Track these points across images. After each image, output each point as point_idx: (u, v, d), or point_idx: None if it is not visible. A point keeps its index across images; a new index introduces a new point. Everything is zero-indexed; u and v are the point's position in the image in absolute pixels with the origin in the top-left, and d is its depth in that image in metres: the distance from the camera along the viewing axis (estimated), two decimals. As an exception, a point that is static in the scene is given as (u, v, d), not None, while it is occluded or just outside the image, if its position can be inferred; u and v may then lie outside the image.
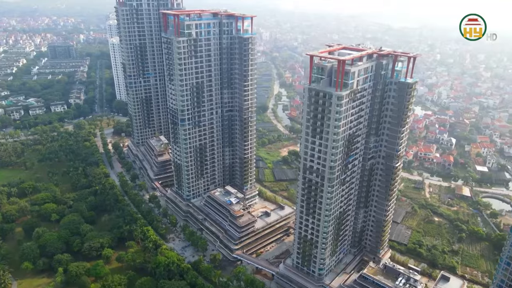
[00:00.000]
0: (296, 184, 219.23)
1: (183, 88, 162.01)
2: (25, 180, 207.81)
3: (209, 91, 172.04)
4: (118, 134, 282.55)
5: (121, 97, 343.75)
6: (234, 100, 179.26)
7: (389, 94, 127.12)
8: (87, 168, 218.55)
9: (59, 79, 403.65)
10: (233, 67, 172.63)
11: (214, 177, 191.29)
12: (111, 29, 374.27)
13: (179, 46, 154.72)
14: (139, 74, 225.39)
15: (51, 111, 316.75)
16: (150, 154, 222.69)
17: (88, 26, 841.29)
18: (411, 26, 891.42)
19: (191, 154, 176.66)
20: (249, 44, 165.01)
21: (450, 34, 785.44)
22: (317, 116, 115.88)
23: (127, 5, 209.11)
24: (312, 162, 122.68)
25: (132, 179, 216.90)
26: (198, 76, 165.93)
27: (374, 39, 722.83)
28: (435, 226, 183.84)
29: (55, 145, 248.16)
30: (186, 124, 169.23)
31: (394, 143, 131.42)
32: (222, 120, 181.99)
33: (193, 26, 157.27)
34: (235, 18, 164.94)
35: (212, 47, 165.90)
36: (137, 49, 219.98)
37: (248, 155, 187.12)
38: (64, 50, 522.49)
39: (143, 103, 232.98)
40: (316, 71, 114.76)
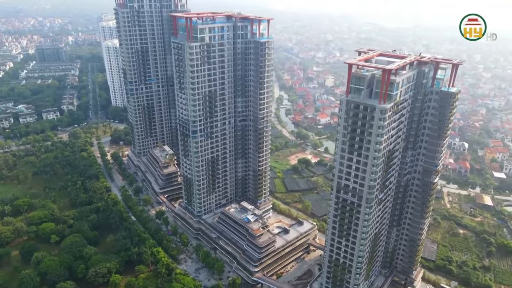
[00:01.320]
0: (309, 195, 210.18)
1: (195, 98, 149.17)
2: (19, 197, 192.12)
3: (221, 99, 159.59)
4: (116, 143, 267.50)
5: (117, 103, 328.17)
6: (248, 109, 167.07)
7: (429, 105, 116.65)
8: (86, 181, 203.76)
9: (49, 84, 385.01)
10: (247, 74, 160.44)
11: (226, 191, 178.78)
12: (104, 31, 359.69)
13: (191, 52, 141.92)
14: (140, 80, 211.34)
15: (43, 118, 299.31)
16: (154, 165, 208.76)
17: (76, 27, 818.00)
18: (404, 26, 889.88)
19: (203, 168, 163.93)
20: (265, 49, 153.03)
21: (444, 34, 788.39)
22: (356, 131, 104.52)
23: (128, 6, 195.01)
24: (347, 181, 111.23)
25: (136, 193, 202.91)
26: (211, 84, 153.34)
27: (368, 40, 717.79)
28: (461, 239, 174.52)
29: (49, 156, 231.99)
30: (198, 136, 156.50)
31: (432, 157, 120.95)
32: (235, 130, 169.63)
33: (206, 30, 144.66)
34: (250, 21, 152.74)
35: (226, 53, 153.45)
36: (138, 54, 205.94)
37: (263, 167, 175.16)
38: (53, 52, 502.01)
39: (145, 110, 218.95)
40: (354, 81, 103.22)
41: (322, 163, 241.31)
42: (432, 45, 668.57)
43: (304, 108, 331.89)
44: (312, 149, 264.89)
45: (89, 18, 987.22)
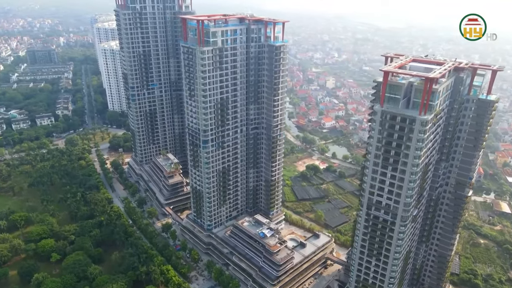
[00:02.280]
0: (321, 204, 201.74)
1: (206, 105, 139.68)
2: (15, 210, 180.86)
3: (233, 107, 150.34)
4: (115, 150, 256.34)
5: (114, 107, 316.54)
6: (261, 117, 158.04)
7: (466, 114, 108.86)
8: (87, 193, 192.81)
9: (42, 87, 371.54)
10: (261, 79, 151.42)
11: (236, 203, 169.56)
12: (100, 33, 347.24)
13: (203, 57, 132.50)
14: (142, 85, 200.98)
15: (36, 124, 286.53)
16: (158, 175, 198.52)
17: (67, 28, 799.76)
18: (398, 26, 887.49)
19: (214, 179, 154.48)
20: (280, 53, 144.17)
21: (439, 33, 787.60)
22: (392, 144, 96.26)
23: (130, 8, 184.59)
24: (380, 197, 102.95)
25: (139, 204, 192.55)
26: (223, 91, 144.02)
27: (365, 40, 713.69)
28: (482, 250, 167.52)
29: (46, 165, 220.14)
30: (209, 146, 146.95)
31: (467, 169, 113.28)
32: (247, 139, 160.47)
33: (219, 34, 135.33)
34: (264, 23, 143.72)
35: (239, 57, 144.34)
36: (140, 57, 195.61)
37: (276, 176, 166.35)
38: (45, 54, 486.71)
39: (147, 117, 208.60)
40: (389, 90, 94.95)
41: (331, 169, 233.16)
42: (429, 45, 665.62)
43: (308, 111, 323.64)
44: (319, 155, 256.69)
45: (80, 19, 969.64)
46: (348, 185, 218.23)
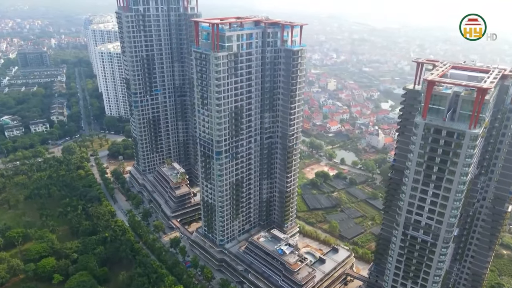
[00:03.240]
0: (334, 214, 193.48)
1: (220, 115, 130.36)
2: (11, 226, 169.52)
3: (248, 115, 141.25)
4: (115, 158, 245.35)
5: (112, 112, 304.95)
6: (276, 125, 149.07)
7: (508, 124, 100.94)
8: (88, 206, 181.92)
9: (35, 92, 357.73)
10: (276, 86, 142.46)
11: (249, 216, 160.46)
12: (95, 35, 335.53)
13: (217, 63, 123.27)
14: (146, 91, 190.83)
15: (31, 131, 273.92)
16: (163, 185, 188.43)
17: (58, 29, 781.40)
18: (393, 26, 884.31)
19: (227, 192, 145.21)
20: (298, 58, 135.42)
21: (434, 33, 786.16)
22: (435, 160, 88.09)
23: (133, 10, 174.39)
24: (419, 216, 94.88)
25: (144, 217, 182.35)
26: (238, 99, 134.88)
27: (362, 40, 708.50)
28: (506, 262, 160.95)
29: (43, 176, 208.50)
30: (223, 158, 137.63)
31: (507, 183, 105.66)
32: (261, 149, 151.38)
33: (234, 38, 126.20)
34: (281, 26, 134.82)
35: (254, 63, 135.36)
36: (143, 62, 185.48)
37: (291, 188, 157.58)
38: (36, 57, 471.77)
39: (150, 124, 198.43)
40: (434, 101, 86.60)
41: (341, 176, 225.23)
42: (426, 45, 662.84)
43: (311, 115, 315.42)
44: (327, 160, 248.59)
45: (70, 20, 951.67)
46: (360, 193, 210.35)
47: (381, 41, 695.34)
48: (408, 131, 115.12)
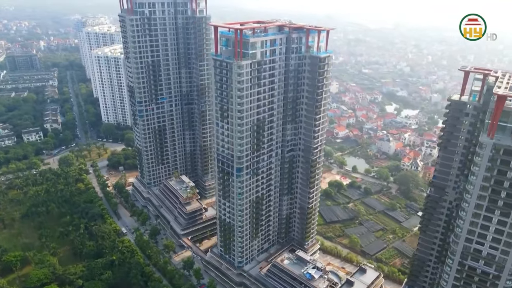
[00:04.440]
0: (352, 228, 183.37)
1: (242, 128, 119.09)
2: (8, 249, 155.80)
3: (269, 128, 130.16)
4: (115, 168, 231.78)
5: (109, 119, 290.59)
6: (298, 137, 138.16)
7: None
8: (91, 224, 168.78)
9: (26, 97, 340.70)
10: (299, 95, 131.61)
11: (268, 234, 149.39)
12: (90, 38, 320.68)
13: (241, 73, 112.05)
14: (151, 99, 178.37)
15: (23, 140, 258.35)
16: (171, 201, 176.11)
17: (46, 30, 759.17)
18: (387, 26, 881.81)
19: (247, 211, 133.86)
20: (325, 65, 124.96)
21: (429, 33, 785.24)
22: (503, 184, 78.16)
23: (138, 13, 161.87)
24: (480, 245, 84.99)
25: (152, 235, 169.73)
26: (260, 111, 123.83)
27: (357, 41, 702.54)
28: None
29: (40, 191, 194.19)
30: (244, 175, 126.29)
31: None
32: (282, 163, 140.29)
33: (258, 45, 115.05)
34: (306, 31, 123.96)
35: (277, 71, 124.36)
36: (149, 68, 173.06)
37: (313, 204, 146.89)
38: (26, 60, 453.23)
39: (156, 134, 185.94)
40: (503, 118, 76.65)
41: (355, 186, 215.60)
42: (422, 45, 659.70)
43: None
44: (338, 168, 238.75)
45: (58, 21, 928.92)
46: (377, 203, 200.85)
47: (377, 42, 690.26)
48: (452, 145, 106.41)
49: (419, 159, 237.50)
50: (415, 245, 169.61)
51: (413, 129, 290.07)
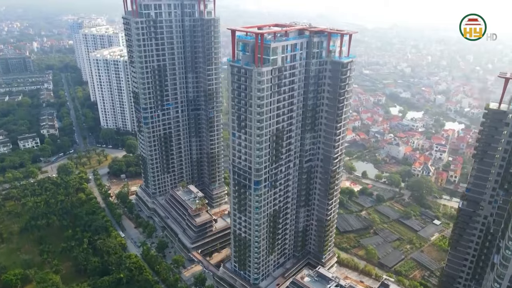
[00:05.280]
0: (367, 238, 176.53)
1: (261, 139, 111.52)
2: (7, 266, 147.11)
3: (288, 137, 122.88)
4: (116, 176, 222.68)
5: (108, 124, 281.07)
6: (317, 146, 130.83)
7: None
8: (94, 238, 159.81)
9: (20, 101, 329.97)
10: (320, 103, 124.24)
11: (284, 248, 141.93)
12: (87, 40, 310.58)
13: (261, 80, 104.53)
14: (156, 105, 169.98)
15: (19, 147, 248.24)
16: (179, 212, 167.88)
17: (38, 31, 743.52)
18: (384, 26, 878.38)
19: (264, 225, 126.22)
20: (347, 71, 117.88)
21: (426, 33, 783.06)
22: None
23: (143, 15, 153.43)
24: (532, 269, 77.91)
25: (159, 248, 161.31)
26: (279, 120, 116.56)
27: (356, 41, 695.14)
28: None
29: (39, 202, 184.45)
30: (262, 188, 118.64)
31: None
32: (300, 173, 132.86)
33: (279, 50, 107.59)
34: (327, 35, 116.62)
35: (297, 77, 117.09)
36: (154, 73, 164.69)
37: (331, 215, 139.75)
38: (19, 62, 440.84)
39: (161, 142, 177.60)
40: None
41: (366, 192, 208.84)
42: (420, 45, 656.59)
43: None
44: (347, 174, 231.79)
45: (50, 21, 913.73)
46: (390, 211, 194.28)
47: (375, 42, 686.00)
48: (489, 157, 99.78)
49: (429, 163, 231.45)
50: (434, 255, 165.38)
51: (420, 132, 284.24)
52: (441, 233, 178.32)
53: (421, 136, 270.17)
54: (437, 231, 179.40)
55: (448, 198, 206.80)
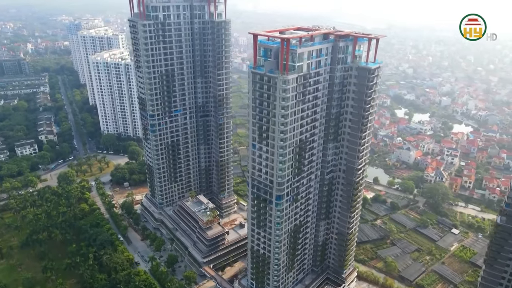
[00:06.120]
0: (385, 249, 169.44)
1: (285, 151, 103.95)
2: (8, 284, 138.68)
3: (310, 148, 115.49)
4: (119, 184, 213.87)
5: (108, 129, 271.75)
6: (339, 157, 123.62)
7: None
8: (100, 253, 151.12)
9: (16, 106, 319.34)
10: (344, 111, 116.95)
11: (303, 263, 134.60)
12: (85, 42, 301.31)
13: (286, 89, 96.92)
14: (164, 112, 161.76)
15: (16, 154, 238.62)
16: (189, 224, 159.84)
17: (32, 32, 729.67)
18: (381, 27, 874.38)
19: (285, 241, 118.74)
20: (374, 78, 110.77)
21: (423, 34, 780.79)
22: None
23: (151, 18, 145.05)
24: None
25: (170, 263, 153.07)
26: (303, 130, 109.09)
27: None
28: None
29: (39, 215, 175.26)
30: (284, 202, 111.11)
31: None
32: (321, 185, 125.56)
33: (305, 56, 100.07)
34: (353, 40, 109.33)
35: (321, 85, 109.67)
36: (162, 79, 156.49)
37: (353, 228, 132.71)
38: (14, 65, 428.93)
39: (169, 150, 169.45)
40: None
41: (380, 200, 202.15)
42: (420, 46, 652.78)
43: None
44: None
45: (44, 21, 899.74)
46: (406, 220, 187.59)
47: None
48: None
49: (441, 168, 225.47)
50: (456, 267, 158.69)
51: (429, 135, 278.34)
52: (460, 243, 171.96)
53: (431, 140, 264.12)
54: (456, 241, 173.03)
55: (464, 205, 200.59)
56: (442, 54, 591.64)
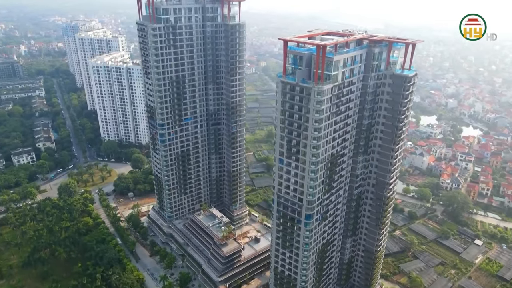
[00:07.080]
0: (407, 262, 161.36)
1: (316, 167, 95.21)
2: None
3: (341, 162, 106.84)
4: (123, 194, 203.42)
5: (109, 136, 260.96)
6: (368, 170, 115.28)
7: None
8: (108, 272, 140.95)
9: (11, 111, 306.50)
10: (375, 122, 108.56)
11: (329, 283, 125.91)
12: (83, 44, 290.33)
13: (321, 100, 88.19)
14: (174, 120, 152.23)
15: (13, 163, 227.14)
16: (202, 240, 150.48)
17: (25, 33, 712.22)
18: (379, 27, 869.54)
19: (312, 262, 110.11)
20: (411, 86, 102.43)
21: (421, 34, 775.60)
22: None
23: (162, 21, 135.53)
24: None
25: (183, 283, 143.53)
26: (335, 144, 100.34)
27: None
28: None
29: (40, 230, 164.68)
30: (314, 221, 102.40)
31: None
32: (349, 200, 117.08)
33: (341, 64, 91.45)
34: (388, 45, 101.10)
35: (354, 94, 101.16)
36: (172, 85, 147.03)
37: (381, 246, 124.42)
38: (7, 67, 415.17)
39: (179, 160, 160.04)
40: None
41: (397, 209, 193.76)
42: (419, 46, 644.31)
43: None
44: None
45: (37, 22, 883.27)
46: (426, 230, 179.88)
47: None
48: None
49: (456, 174, 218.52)
50: (483, 282, 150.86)
51: (439, 139, 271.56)
52: (485, 255, 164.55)
53: (442, 144, 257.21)
54: (481, 253, 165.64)
55: (483, 213, 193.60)
56: (443, 54, 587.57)
